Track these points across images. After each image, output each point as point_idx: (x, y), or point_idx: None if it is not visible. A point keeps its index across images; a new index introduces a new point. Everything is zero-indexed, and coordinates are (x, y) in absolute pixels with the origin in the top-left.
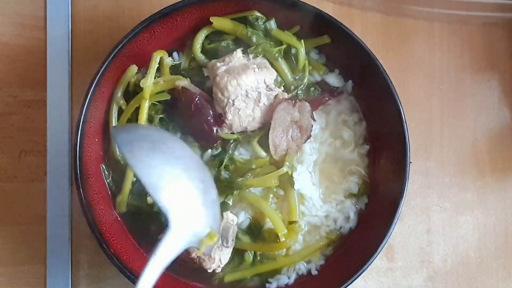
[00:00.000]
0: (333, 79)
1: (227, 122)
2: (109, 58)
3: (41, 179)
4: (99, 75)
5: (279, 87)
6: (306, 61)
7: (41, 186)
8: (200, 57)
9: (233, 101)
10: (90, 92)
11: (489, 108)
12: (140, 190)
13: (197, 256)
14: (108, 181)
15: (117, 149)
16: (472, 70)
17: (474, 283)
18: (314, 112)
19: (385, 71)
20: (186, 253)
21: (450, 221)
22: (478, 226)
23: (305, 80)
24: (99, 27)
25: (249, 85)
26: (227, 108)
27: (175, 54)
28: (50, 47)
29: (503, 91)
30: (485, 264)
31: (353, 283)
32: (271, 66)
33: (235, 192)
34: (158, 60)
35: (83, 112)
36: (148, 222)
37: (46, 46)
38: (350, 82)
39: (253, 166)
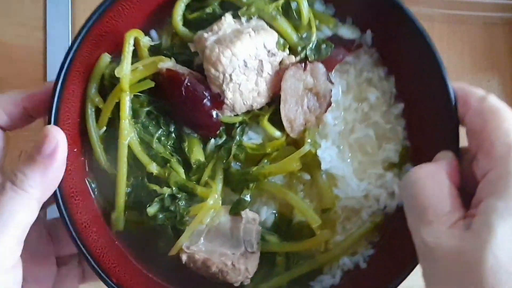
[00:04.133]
0: (347, 31)
1: (228, 102)
2: (73, 49)
3: None
4: (64, 70)
5: (283, 51)
6: (311, 15)
7: None
8: (183, 30)
9: (230, 75)
10: (57, 93)
11: None
12: (137, 202)
13: (219, 270)
14: (96, 197)
15: (101, 157)
16: (472, 70)
17: None
18: (330, 74)
19: (410, 11)
20: (205, 268)
21: None
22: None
23: (313, 38)
24: None
25: (246, 53)
26: (224, 86)
27: (152, 32)
28: (50, 47)
29: (503, 91)
30: None
31: None
32: (270, 28)
33: (251, 185)
34: (132, 42)
35: (52, 118)
36: (153, 238)
37: (46, 46)
38: (368, 32)
39: (268, 151)
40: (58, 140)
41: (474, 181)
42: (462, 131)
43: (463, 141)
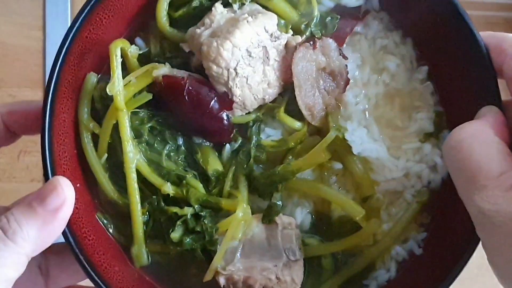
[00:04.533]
0: None
1: (237, 100)
2: (55, 73)
3: (41, 179)
4: (49, 100)
5: (286, 32)
6: None
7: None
8: (171, 31)
9: (235, 69)
10: (47, 126)
11: None
12: (157, 230)
13: (263, 286)
14: (111, 232)
15: (108, 188)
16: None
17: (475, 284)
18: (342, 48)
19: None
20: (247, 286)
21: None
22: None
23: (315, 12)
24: None
25: (248, 41)
26: (230, 82)
27: (138, 40)
28: (49, 47)
29: (503, 91)
30: (486, 265)
31: None
32: (267, 10)
33: (279, 186)
34: (119, 54)
35: (47, 154)
36: (184, 266)
37: (45, 46)
38: None
39: (291, 145)
40: (66, 197)
41: None
42: (501, 83)
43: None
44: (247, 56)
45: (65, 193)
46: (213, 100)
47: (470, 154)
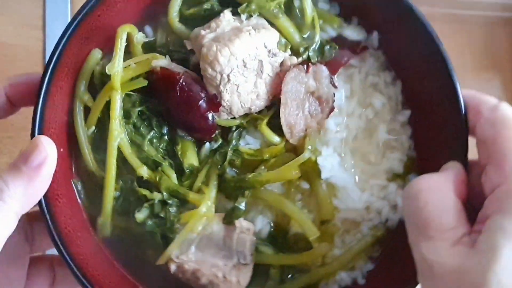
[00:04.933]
0: (352, 32)
1: (225, 104)
2: (62, 42)
3: None
4: (52, 65)
5: (285, 51)
6: (315, 13)
7: None
8: (179, 27)
9: (228, 76)
10: (44, 89)
11: None
12: (125, 207)
13: (209, 281)
14: (83, 200)
15: (89, 158)
16: (473, 69)
17: None
18: (334, 77)
19: (420, 12)
20: (195, 279)
21: None
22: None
23: (317, 38)
24: None
25: (245, 52)
26: (222, 87)
27: (147, 28)
28: (49, 47)
29: (504, 91)
30: None
31: None
32: (271, 27)
33: (247, 192)
34: (125, 38)
35: (38, 115)
36: (142, 246)
37: (45, 46)
38: (375, 33)
39: (266, 157)
40: (48, 153)
41: (482, 195)
42: (472, 142)
43: (472, 153)
44: (242, 66)
45: (47, 150)
46: (202, 100)
47: (425, 205)
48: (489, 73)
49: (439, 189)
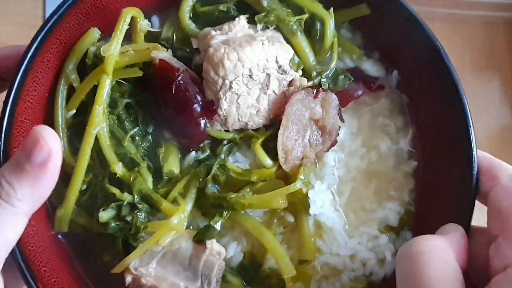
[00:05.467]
0: (371, 67)
1: (221, 113)
2: (59, 12)
3: None
4: (43, 33)
5: (296, 71)
6: (335, 39)
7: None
8: (189, 24)
9: (231, 83)
10: (28, 56)
11: (490, 108)
12: (90, 203)
13: None
14: None
15: (62, 143)
16: (472, 70)
17: None
18: (342, 109)
19: (449, 59)
20: None
21: None
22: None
23: (333, 65)
24: None
25: (254, 62)
26: (221, 93)
27: (154, 18)
28: None
29: (504, 91)
30: None
31: None
32: (287, 42)
33: (225, 213)
34: (128, 20)
35: (16, 82)
36: (99, 250)
37: None
38: (395, 73)
39: (254, 179)
40: (51, 147)
41: (484, 266)
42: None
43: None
44: (248, 76)
45: (49, 144)
46: (198, 103)
47: (425, 271)
48: (489, 73)
49: (441, 255)
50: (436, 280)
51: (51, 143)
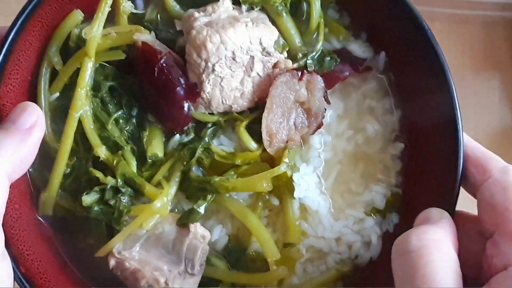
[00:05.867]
0: (358, 48)
1: (204, 96)
2: None
3: None
4: (24, 15)
5: (281, 52)
6: (322, 20)
7: None
8: (173, 5)
9: (213, 66)
10: (9, 39)
11: (490, 108)
12: (74, 187)
13: (148, 285)
14: (30, 171)
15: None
16: (473, 70)
17: None
18: (328, 92)
19: (436, 41)
20: (133, 280)
21: None
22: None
23: (319, 46)
24: None
25: (238, 44)
26: (204, 76)
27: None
28: None
29: (504, 91)
30: None
31: None
32: (272, 24)
33: (209, 196)
34: (110, 2)
35: None
36: (83, 234)
37: None
38: (382, 54)
39: (238, 162)
40: (38, 115)
41: (473, 255)
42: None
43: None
44: (231, 58)
45: (37, 113)
46: (181, 86)
47: (428, 266)
48: (489, 73)
49: (444, 249)
50: (441, 275)
51: (39, 113)
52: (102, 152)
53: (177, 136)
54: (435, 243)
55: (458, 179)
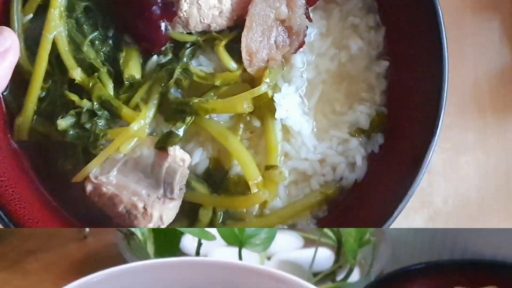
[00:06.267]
0: None
1: (181, 15)
2: None
3: None
4: None
5: None
6: None
7: None
8: None
9: None
10: None
11: (490, 48)
12: (49, 111)
13: (126, 211)
14: (5, 94)
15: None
16: (473, 9)
17: (475, 224)
18: (310, 9)
19: None
20: (111, 205)
21: (451, 162)
22: (478, 167)
23: None
24: None
25: None
26: None
27: None
28: None
29: (504, 31)
30: (486, 204)
31: None
32: None
33: (188, 118)
34: None
35: None
36: (60, 158)
37: None
38: None
39: (217, 83)
40: (13, 39)
41: None
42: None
43: None
44: None
45: (12, 37)
46: (157, 5)
47: None
48: (489, 13)
49: None
50: None
51: (12, 37)
52: (77, 74)
53: (155, 57)
54: None
55: (443, 97)
